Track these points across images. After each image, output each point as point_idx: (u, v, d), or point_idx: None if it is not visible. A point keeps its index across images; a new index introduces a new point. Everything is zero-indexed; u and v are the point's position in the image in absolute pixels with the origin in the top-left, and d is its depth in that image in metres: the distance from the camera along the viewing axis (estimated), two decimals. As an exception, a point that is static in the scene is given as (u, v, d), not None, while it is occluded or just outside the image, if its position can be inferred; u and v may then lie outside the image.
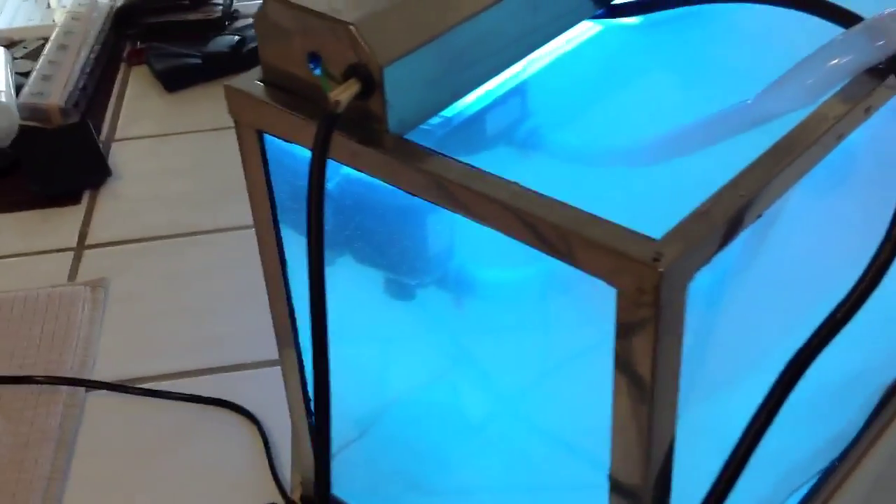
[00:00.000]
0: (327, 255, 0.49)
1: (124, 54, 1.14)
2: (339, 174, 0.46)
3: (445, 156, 0.40)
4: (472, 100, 0.46)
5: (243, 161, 0.47)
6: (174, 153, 0.96)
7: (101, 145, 0.96)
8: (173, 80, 1.06)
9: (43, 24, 1.25)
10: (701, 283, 0.42)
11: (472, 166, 0.39)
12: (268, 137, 0.45)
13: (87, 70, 1.07)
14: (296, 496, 0.62)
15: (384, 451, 0.57)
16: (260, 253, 0.50)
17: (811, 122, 0.39)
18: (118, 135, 1.00)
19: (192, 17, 1.14)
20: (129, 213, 0.88)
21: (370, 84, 0.39)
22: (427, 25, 0.41)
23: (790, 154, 0.38)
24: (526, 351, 0.50)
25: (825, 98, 0.42)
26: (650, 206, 0.40)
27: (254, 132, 0.45)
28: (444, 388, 0.53)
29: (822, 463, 0.60)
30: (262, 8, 0.42)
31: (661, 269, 0.33)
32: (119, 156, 0.97)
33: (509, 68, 0.47)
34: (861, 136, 0.45)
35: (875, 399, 0.63)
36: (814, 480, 0.60)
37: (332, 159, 0.42)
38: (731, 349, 0.48)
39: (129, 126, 1.01)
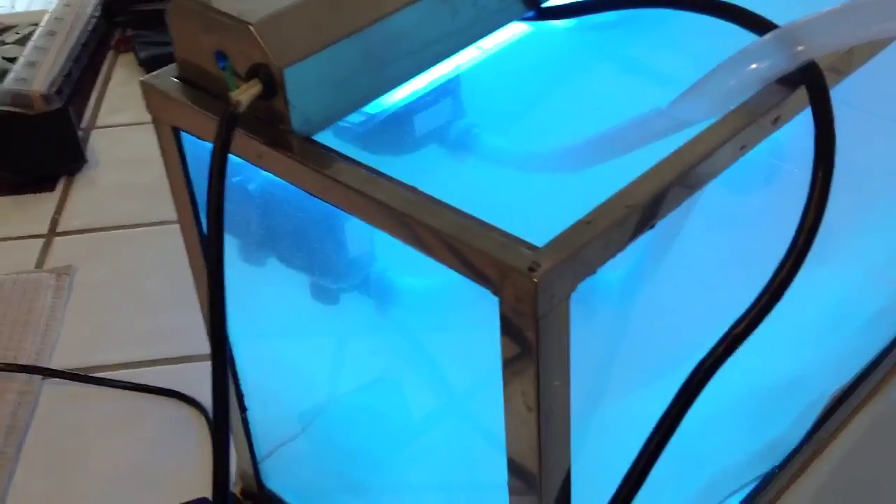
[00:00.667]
0: (254, 254, 0.49)
1: (112, 41, 1.14)
2: (261, 174, 0.46)
3: (345, 158, 0.40)
4: (398, 98, 0.46)
5: (163, 157, 0.47)
6: (152, 142, 0.96)
7: (80, 133, 0.96)
8: (157, 68, 1.06)
9: (37, 10, 1.26)
10: (610, 281, 0.42)
11: (371, 169, 0.39)
12: (187, 133, 0.46)
13: (74, 57, 1.08)
14: (237, 490, 0.62)
15: (319, 450, 0.58)
16: (185, 249, 0.50)
17: (711, 132, 0.39)
18: (99, 122, 1.01)
19: (155, 6, 1.14)
20: (101, 202, 0.89)
21: (272, 85, 0.39)
22: (334, 27, 0.41)
23: (683, 165, 0.37)
24: (452, 355, 0.50)
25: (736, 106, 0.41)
26: (554, 215, 0.40)
27: (170, 129, 0.45)
28: (375, 390, 0.54)
29: (761, 468, 0.60)
30: (173, 4, 0.43)
31: (535, 280, 0.33)
32: (99, 143, 0.97)
33: (435, 67, 0.47)
34: (791, 137, 0.45)
35: (820, 406, 0.63)
36: (753, 485, 0.60)
37: (242, 159, 0.43)
38: (648, 346, 0.48)
39: (111, 113, 1.02)
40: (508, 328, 0.35)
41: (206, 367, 0.70)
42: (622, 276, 0.43)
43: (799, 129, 0.44)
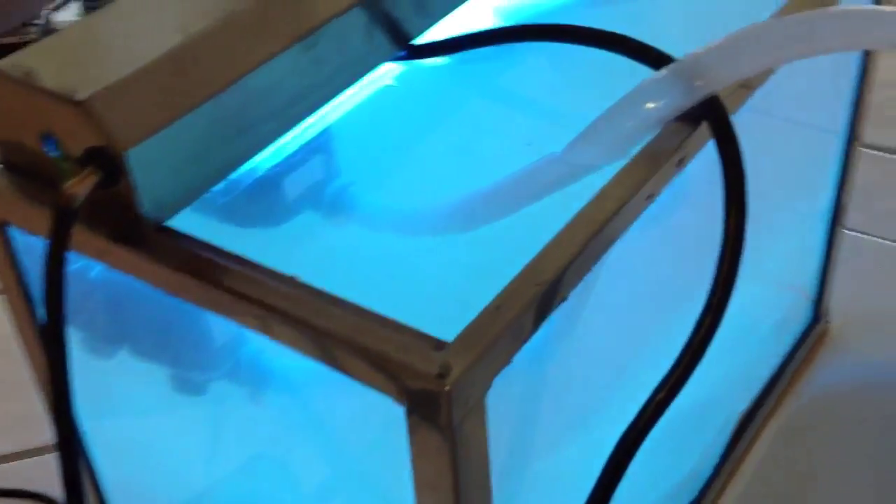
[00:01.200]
0: (103, 348, 0.43)
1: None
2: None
3: (207, 247, 0.34)
4: (265, 159, 0.41)
5: (-10, 253, 0.40)
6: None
7: None
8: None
9: None
10: (522, 358, 0.38)
11: (238, 258, 0.34)
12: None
13: None
14: None
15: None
16: (19, 337, 0.43)
17: (614, 187, 0.35)
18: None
19: (7, 40, 1.05)
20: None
21: (113, 171, 0.34)
22: (182, 95, 0.35)
23: (590, 229, 0.33)
24: (340, 440, 0.45)
25: (637, 149, 0.38)
26: (452, 286, 0.36)
27: (-7, 223, 0.39)
28: (252, 479, 0.48)
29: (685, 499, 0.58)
30: (-14, 80, 0.36)
31: (447, 387, 0.29)
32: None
33: (304, 122, 0.41)
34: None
35: (729, 426, 0.61)
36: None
37: (80, 255, 0.37)
38: (572, 413, 0.45)
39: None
40: (418, 440, 0.31)
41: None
42: (535, 346, 0.39)
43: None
